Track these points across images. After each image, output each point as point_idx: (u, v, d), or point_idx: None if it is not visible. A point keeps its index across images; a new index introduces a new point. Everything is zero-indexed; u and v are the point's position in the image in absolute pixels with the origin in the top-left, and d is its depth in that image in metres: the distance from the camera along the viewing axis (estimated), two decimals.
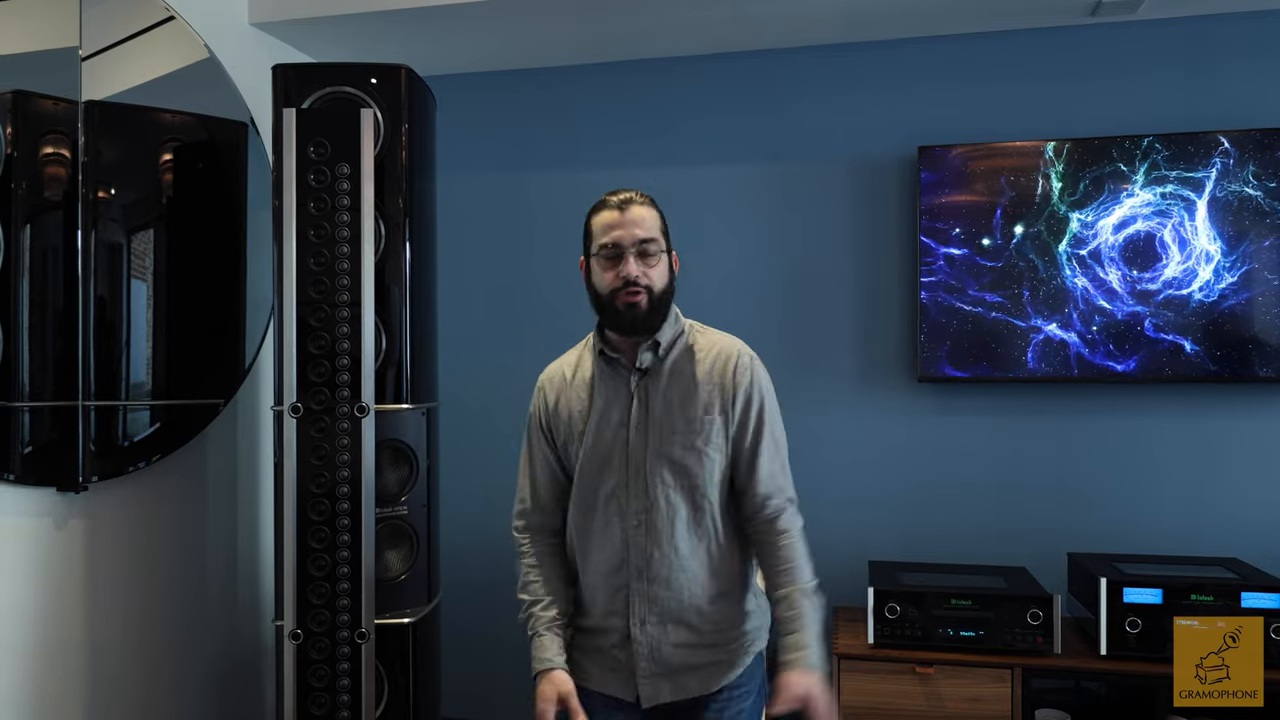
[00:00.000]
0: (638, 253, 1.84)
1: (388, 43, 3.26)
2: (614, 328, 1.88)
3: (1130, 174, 2.94)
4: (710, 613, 1.87)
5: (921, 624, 2.64)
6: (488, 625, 3.49)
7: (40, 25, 2.45)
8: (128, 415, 2.64)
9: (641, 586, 1.85)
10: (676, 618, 1.85)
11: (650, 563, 1.85)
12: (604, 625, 1.90)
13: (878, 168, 3.25)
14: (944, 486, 3.19)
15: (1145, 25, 3.07)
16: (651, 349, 1.89)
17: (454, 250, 3.45)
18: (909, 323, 3.20)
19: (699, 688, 1.87)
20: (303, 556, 2.39)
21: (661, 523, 1.84)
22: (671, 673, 1.87)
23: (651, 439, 1.86)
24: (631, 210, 1.85)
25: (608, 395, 1.91)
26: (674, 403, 1.87)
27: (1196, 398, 3.01)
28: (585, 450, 1.90)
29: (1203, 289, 2.90)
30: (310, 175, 2.40)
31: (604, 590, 1.89)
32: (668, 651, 1.86)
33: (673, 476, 1.85)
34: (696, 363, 1.90)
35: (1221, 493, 3.00)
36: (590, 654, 1.93)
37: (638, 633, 1.85)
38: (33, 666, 2.37)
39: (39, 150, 2.41)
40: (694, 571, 1.86)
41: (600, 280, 1.86)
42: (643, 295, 1.83)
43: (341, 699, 2.39)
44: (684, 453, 1.85)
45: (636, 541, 1.85)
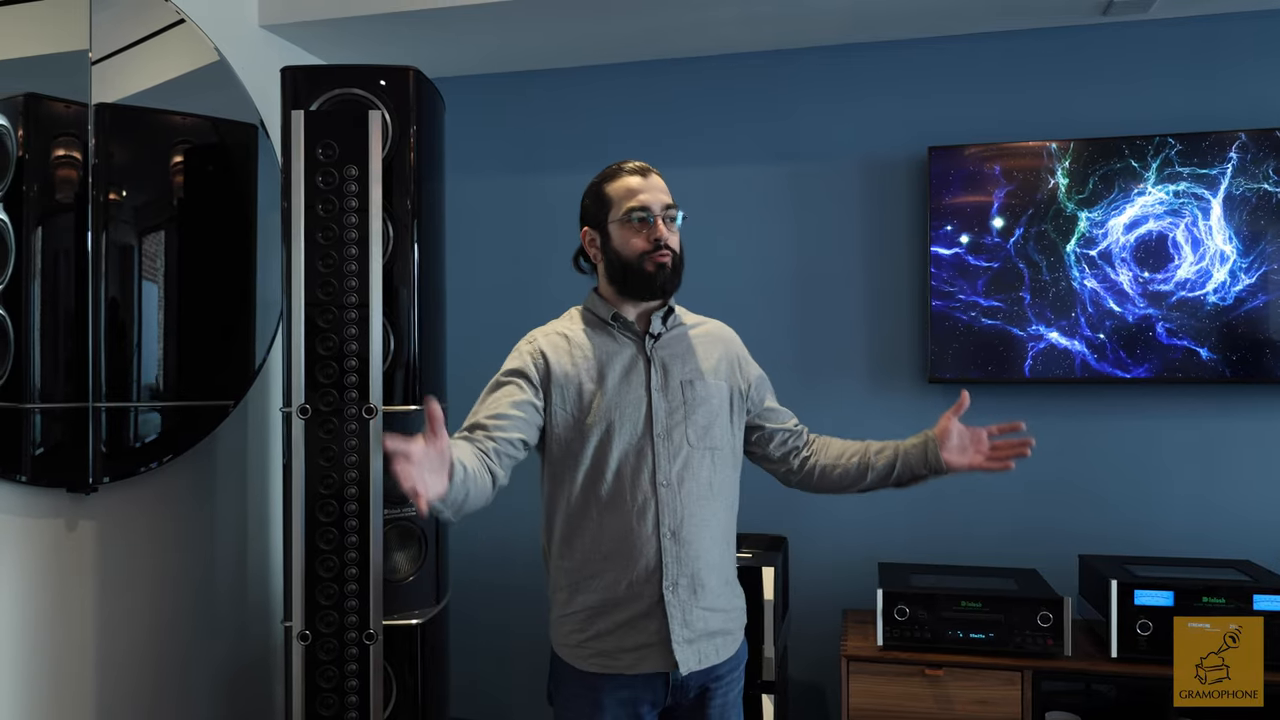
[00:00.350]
0: (665, 217, 1.90)
1: (397, 44, 3.27)
2: (638, 292, 1.91)
3: (1142, 173, 2.92)
4: (722, 578, 1.91)
5: (931, 626, 2.63)
6: (500, 626, 3.50)
7: (50, 28, 2.46)
8: (139, 416, 2.65)
9: (674, 548, 1.84)
10: (704, 580, 1.86)
11: (681, 524, 1.85)
12: (628, 594, 1.84)
13: (888, 168, 3.24)
14: (955, 488, 3.16)
15: (1157, 24, 3.05)
16: (663, 315, 1.94)
17: (465, 251, 3.45)
18: (919, 323, 3.19)
19: (715, 655, 1.88)
20: (311, 557, 2.39)
21: (689, 482, 1.87)
22: (697, 639, 1.86)
23: (675, 401, 1.89)
24: (652, 177, 1.93)
25: (620, 359, 1.91)
26: (692, 368, 1.93)
27: (1208, 399, 2.99)
28: (608, 413, 1.86)
29: (1217, 290, 2.88)
30: (318, 177, 2.40)
31: (633, 557, 1.83)
32: (696, 615, 1.85)
33: (696, 437, 1.89)
34: (694, 336, 1.99)
35: (1233, 495, 2.98)
36: (613, 634, 1.85)
37: (670, 596, 1.83)
38: (44, 665, 2.39)
39: (50, 153, 2.42)
40: (715, 533, 1.90)
41: (626, 244, 1.89)
42: (670, 257, 1.89)
43: (349, 700, 2.39)
44: (705, 414, 1.91)
45: (667, 501, 1.85)
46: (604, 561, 1.86)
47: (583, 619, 1.88)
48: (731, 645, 1.93)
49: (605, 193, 1.94)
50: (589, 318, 1.97)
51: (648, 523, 1.84)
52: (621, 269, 1.91)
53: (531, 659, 3.46)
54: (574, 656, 1.89)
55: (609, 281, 1.95)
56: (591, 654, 1.87)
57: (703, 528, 1.87)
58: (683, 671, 1.83)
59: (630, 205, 1.89)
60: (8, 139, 2.34)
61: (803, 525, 3.16)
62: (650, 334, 1.93)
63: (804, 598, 3.18)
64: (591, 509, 1.87)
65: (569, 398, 1.89)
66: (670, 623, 1.82)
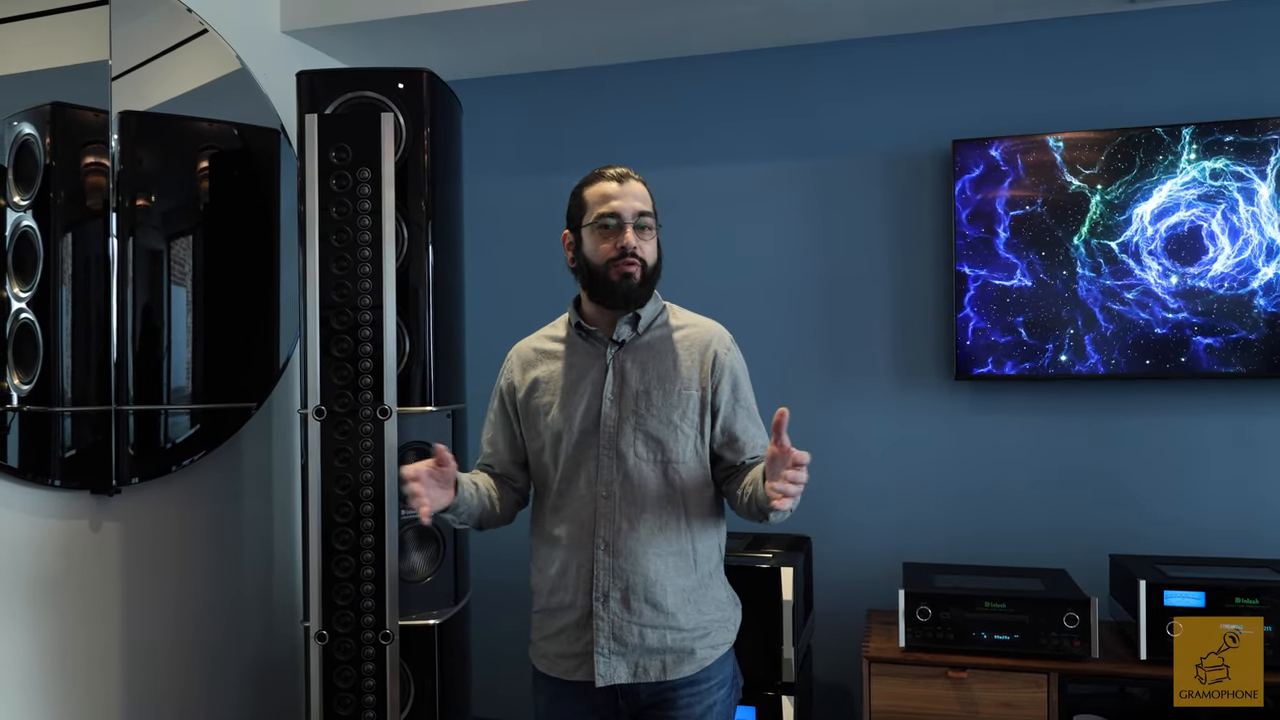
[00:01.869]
0: (635, 225, 1.87)
1: (418, 47, 3.29)
2: (604, 298, 1.89)
3: (1173, 164, 2.85)
4: (676, 595, 1.86)
5: (954, 627, 2.58)
6: (522, 626, 3.49)
7: (73, 40, 2.51)
8: (169, 418, 2.69)
9: (607, 560, 1.84)
10: (641, 595, 1.84)
11: (618, 535, 1.84)
12: (566, 603, 1.88)
13: (912, 162, 3.20)
14: (983, 486, 3.12)
15: (1186, 11, 2.97)
16: (630, 322, 1.91)
17: (486, 252, 3.46)
18: (945, 319, 3.14)
19: (658, 673, 1.85)
20: (327, 558, 2.40)
21: (633, 494, 1.85)
22: (629, 652, 1.84)
23: (626, 411, 1.87)
24: (630, 183, 1.89)
25: (581, 367, 1.93)
26: (652, 377, 1.89)
27: (1245, 395, 2.91)
28: (557, 421, 1.90)
29: (1254, 281, 2.80)
30: (332, 180, 2.42)
31: (569, 565, 1.87)
32: (628, 630, 1.84)
33: (646, 449, 1.87)
34: (675, 341, 1.94)
35: (1269, 492, 2.89)
36: (551, 637, 1.92)
37: (599, 608, 1.84)
38: (72, 666, 2.42)
39: (79, 160, 2.47)
40: (661, 548, 1.85)
41: (595, 250, 1.88)
42: (637, 266, 1.86)
43: (367, 699, 2.40)
44: (660, 426, 1.87)
45: (605, 513, 1.85)
46: (548, 566, 1.91)
47: (537, 621, 1.97)
48: (688, 665, 1.86)
49: (583, 197, 1.92)
50: (568, 324, 1.99)
51: (585, 532, 1.86)
52: (589, 274, 1.90)
53: None
54: (535, 656, 1.98)
55: (583, 286, 1.95)
56: (541, 654, 1.96)
57: (646, 542, 1.84)
58: (599, 684, 1.84)
59: (601, 211, 1.88)
60: (35, 147, 2.39)
61: (827, 525, 3.13)
62: (614, 341, 1.91)
63: (828, 598, 3.15)
64: (545, 515, 1.94)
65: (533, 408, 1.95)
66: (596, 635, 1.83)
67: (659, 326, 1.96)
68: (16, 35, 2.39)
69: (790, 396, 2.52)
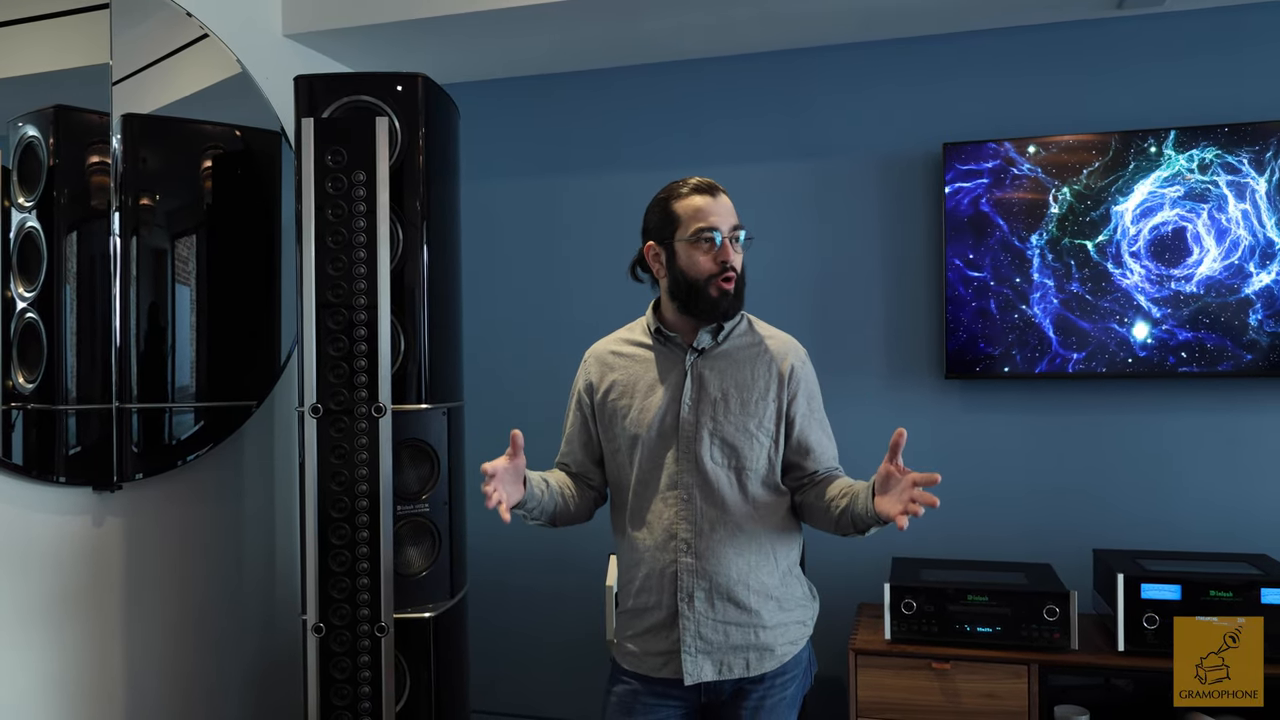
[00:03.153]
0: (731, 239, 1.92)
1: (418, 51, 3.34)
2: (700, 312, 1.93)
3: (1160, 166, 2.89)
4: (758, 593, 1.92)
5: (938, 620, 2.64)
6: (522, 620, 3.56)
7: (74, 43, 2.55)
8: (173, 415, 2.75)
9: (690, 561, 1.90)
10: (725, 595, 1.90)
11: (698, 537, 1.90)
12: (651, 603, 1.94)
13: (904, 164, 3.24)
14: (972, 483, 3.17)
15: (1173, 16, 3.02)
16: (712, 331, 1.96)
17: (485, 253, 3.52)
18: (936, 319, 3.19)
19: (743, 669, 1.92)
20: (324, 552, 2.47)
21: (711, 497, 1.91)
22: (714, 651, 1.90)
23: (704, 416, 1.92)
24: (721, 197, 1.94)
25: (661, 372, 1.97)
26: (730, 385, 1.94)
27: (1228, 393, 2.95)
28: (635, 424, 1.95)
29: (1236, 282, 2.84)
30: (328, 182, 2.48)
31: (653, 566, 1.93)
32: (712, 629, 1.90)
33: (722, 455, 1.92)
34: (754, 351, 1.99)
35: (1254, 490, 2.94)
36: (638, 636, 1.97)
37: (685, 608, 1.89)
38: (74, 660, 2.48)
39: (82, 161, 2.52)
40: (741, 547, 1.91)
41: (694, 264, 1.91)
42: (735, 280, 1.91)
43: (363, 690, 2.47)
44: (736, 433, 1.92)
45: (686, 515, 1.91)
46: (633, 569, 1.97)
47: (624, 620, 2.01)
48: (770, 660, 1.94)
49: (673, 210, 1.94)
50: (645, 329, 2.03)
51: (668, 535, 1.91)
52: (686, 288, 1.93)
53: (555, 651, 3.53)
54: (619, 653, 2.03)
55: (671, 298, 1.97)
56: (626, 653, 2.01)
57: (726, 543, 1.90)
58: (687, 682, 1.89)
59: (699, 225, 1.90)
60: (39, 149, 2.44)
61: None
62: (694, 349, 1.97)
63: (822, 592, 3.19)
64: (625, 517, 1.99)
65: (610, 410, 2.01)
66: (684, 634, 1.89)
67: (739, 336, 2.00)
68: (18, 38, 2.44)
69: None
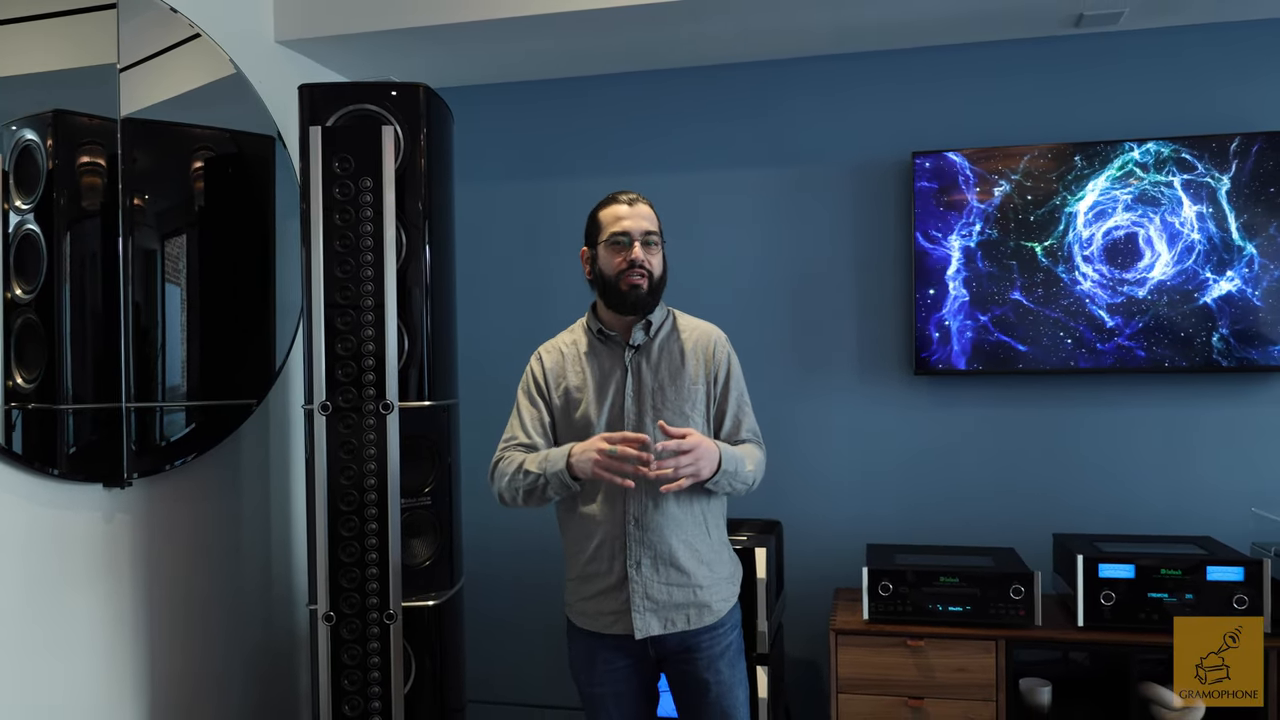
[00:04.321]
0: (643, 242, 2.17)
1: (408, 57, 3.43)
2: (616, 306, 2.20)
3: (1115, 174, 3.09)
4: (693, 558, 2.16)
5: (913, 600, 2.82)
6: (513, 612, 3.68)
7: (80, 42, 2.59)
8: (164, 416, 2.80)
9: (638, 533, 2.14)
10: (667, 560, 2.14)
11: (645, 512, 2.13)
12: (603, 570, 2.17)
13: (875, 171, 3.41)
14: (941, 473, 3.36)
15: (1127, 35, 3.22)
16: (644, 328, 2.22)
17: (476, 253, 3.62)
18: (906, 318, 3.36)
19: (684, 624, 2.16)
20: (334, 544, 2.57)
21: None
22: (660, 609, 2.14)
23: (645, 404, 2.18)
24: (639, 206, 2.21)
25: (604, 367, 2.23)
26: (664, 374, 2.20)
27: (1177, 387, 3.18)
28: (585, 415, 2.19)
29: (1186, 285, 3.06)
30: (335, 189, 2.58)
31: (604, 537, 2.16)
32: (658, 590, 2.14)
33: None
34: (681, 341, 2.24)
35: (1199, 477, 3.17)
36: (589, 599, 2.21)
37: (633, 573, 2.13)
38: (85, 650, 2.56)
39: (76, 160, 2.55)
40: (680, 519, 2.15)
41: (608, 264, 2.19)
42: (645, 278, 2.17)
43: (373, 675, 2.58)
44: (674, 416, 2.17)
45: (634, 494, 2.13)
46: (585, 541, 2.20)
47: (575, 586, 2.25)
48: (706, 615, 2.19)
49: (598, 218, 2.24)
50: (585, 329, 2.29)
51: (617, 509, 2.15)
52: (604, 285, 2.21)
53: (546, 646, 3.65)
54: (573, 614, 2.28)
55: (600, 296, 2.26)
56: (580, 614, 2.26)
57: (668, 514, 2.14)
58: (637, 636, 2.14)
59: (614, 230, 2.18)
60: (37, 154, 2.48)
61: (797, 511, 3.35)
62: (630, 345, 2.22)
63: (799, 578, 3.37)
64: (578, 497, 2.20)
65: (562, 401, 2.26)
66: (632, 595, 2.14)
67: (667, 330, 2.26)
68: (19, 37, 2.46)
69: (762, 391, 2.75)
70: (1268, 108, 3.11)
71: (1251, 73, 3.14)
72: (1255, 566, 2.66)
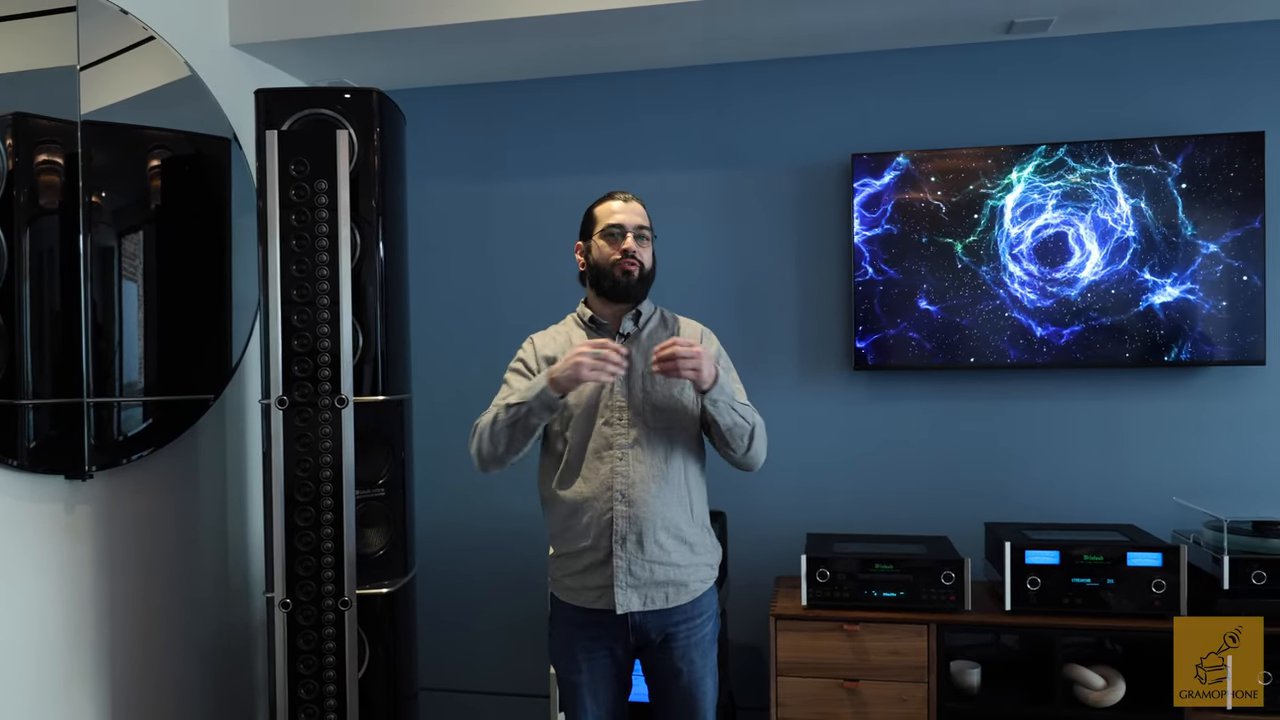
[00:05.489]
0: (635, 235, 2.31)
1: (362, 61, 3.50)
2: (609, 293, 2.31)
3: (1042, 176, 3.23)
4: (676, 537, 2.26)
5: (849, 587, 2.94)
6: (463, 601, 3.77)
7: (39, 44, 2.65)
8: (122, 411, 2.86)
9: (624, 509, 2.22)
10: (651, 539, 2.23)
11: (632, 488, 2.22)
12: (588, 545, 2.24)
13: (817, 173, 3.53)
14: (878, 465, 3.49)
15: (1056, 41, 3.37)
16: (633, 317, 2.34)
17: (428, 252, 3.70)
18: (844, 316, 3.49)
19: (663, 601, 2.25)
20: (290, 534, 2.66)
21: (644, 455, 2.24)
22: (641, 586, 2.23)
23: (634, 389, 2.27)
24: (632, 203, 2.37)
25: None
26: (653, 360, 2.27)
27: (1106, 383, 3.32)
28: (578, 398, 2.27)
29: (1118, 286, 3.20)
30: (291, 191, 2.66)
31: (591, 514, 2.23)
32: (640, 567, 2.22)
33: (654, 418, 2.26)
34: (670, 331, 2.37)
35: (1126, 468, 3.32)
36: (575, 574, 2.28)
37: (618, 549, 2.22)
38: (50, 638, 2.63)
39: (34, 159, 2.60)
40: (666, 499, 2.25)
41: (603, 254, 2.31)
42: (636, 267, 2.30)
43: (328, 660, 2.66)
44: (663, 399, 2.28)
45: (622, 471, 2.23)
46: (572, 518, 2.28)
47: (561, 562, 2.33)
48: (683, 594, 2.27)
49: (593, 213, 2.37)
50: (578, 319, 2.40)
51: (605, 487, 2.24)
52: (597, 275, 2.32)
53: (494, 637, 3.75)
54: (558, 589, 2.36)
55: (591, 285, 2.36)
56: (565, 589, 2.33)
57: (655, 495, 2.23)
58: (619, 611, 2.22)
59: (609, 222, 2.32)
60: None
61: (741, 502, 3.44)
62: (620, 333, 2.32)
63: (742, 568, 3.48)
64: (566, 475, 2.30)
65: None
66: (616, 571, 2.22)
67: (656, 323, 2.39)
68: None
69: None
70: (1195, 112, 3.27)
71: (1181, 77, 3.29)
72: (1173, 553, 2.80)
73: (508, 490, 3.52)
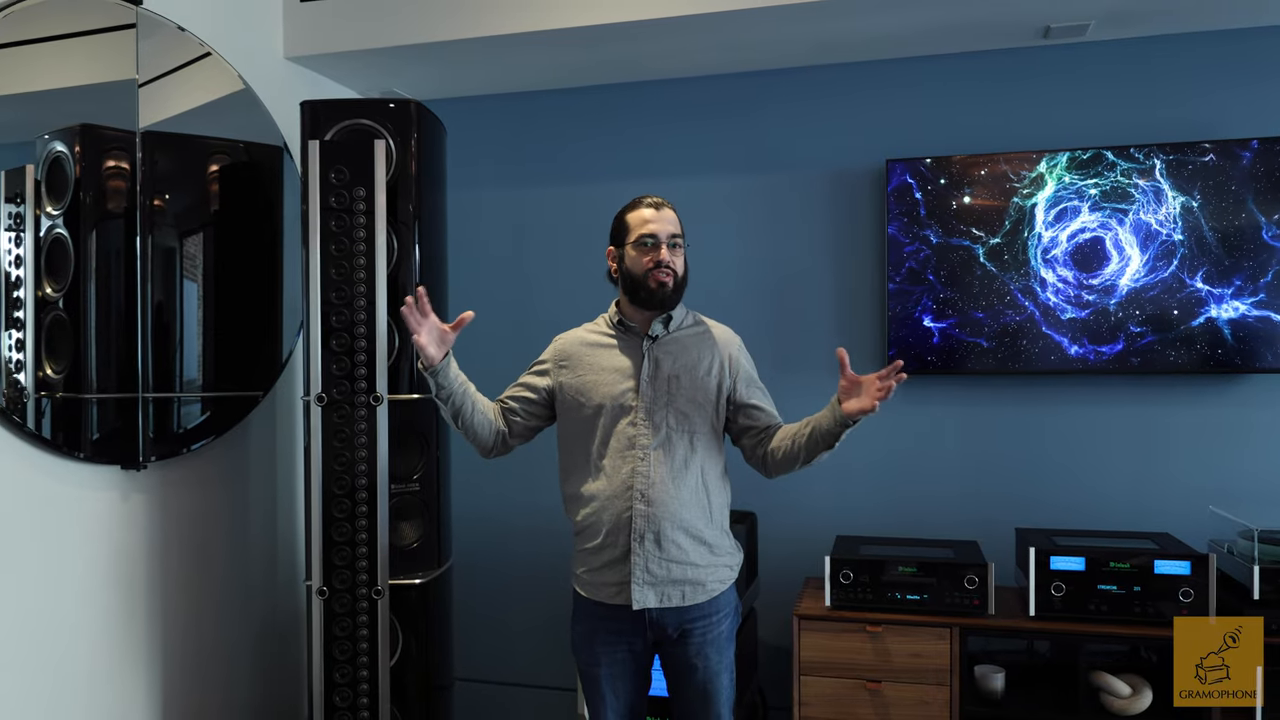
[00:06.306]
0: (669, 244, 2.34)
1: (411, 71, 3.63)
2: (643, 302, 2.36)
3: (1082, 181, 3.22)
4: (693, 538, 2.31)
5: (872, 589, 2.97)
6: (500, 595, 3.87)
7: (101, 60, 2.80)
8: (181, 405, 3.02)
9: (643, 508, 2.28)
10: (669, 538, 2.28)
11: (651, 488, 2.28)
12: (608, 543, 2.30)
13: (851, 178, 3.56)
14: (912, 468, 3.50)
15: (1094, 46, 3.35)
16: (663, 322, 2.38)
17: (467, 256, 3.81)
18: (879, 319, 3.51)
19: (679, 600, 2.30)
20: (327, 525, 2.78)
21: (667, 457, 2.30)
22: (658, 583, 2.28)
23: (660, 391, 2.33)
24: (665, 210, 2.38)
25: (624, 355, 2.38)
26: (680, 365, 2.36)
27: (1147, 389, 3.29)
28: (601, 396, 2.34)
29: (1159, 290, 3.17)
30: (331, 197, 2.79)
31: (612, 511, 2.29)
32: (657, 564, 2.28)
33: (675, 421, 2.31)
34: (700, 338, 2.42)
35: (1164, 476, 3.28)
36: (595, 570, 2.34)
37: (637, 546, 2.27)
38: (103, 621, 2.78)
39: (102, 165, 2.76)
40: (685, 500, 2.30)
41: (636, 263, 2.34)
42: (670, 276, 2.33)
43: (361, 646, 2.78)
44: (687, 403, 2.33)
45: (643, 470, 2.29)
46: (592, 514, 2.34)
47: (582, 557, 2.38)
48: (700, 594, 2.32)
49: (625, 220, 2.40)
50: (608, 321, 2.45)
51: (625, 486, 2.29)
52: (631, 283, 2.36)
53: (530, 627, 3.85)
54: (578, 584, 2.41)
55: (624, 292, 2.40)
56: (585, 584, 2.38)
57: (673, 495, 2.29)
58: (635, 607, 2.28)
59: (641, 232, 2.34)
60: (65, 163, 2.70)
61: (774, 503, 3.49)
62: (649, 336, 2.37)
63: (774, 569, 3.53)
64: (586, 473, 2.37)
65: (576, 382, 2.39)
66: (633, 568, 2.28)
67: (686, 326, 2.43)
68: (45, 55, 2.67)
69: None
70: (1231, 116, 3.23)
71: (1218, 83, 3.25)
72: (1201, 561, 2.78)
73: (548, 488, 3.58)
